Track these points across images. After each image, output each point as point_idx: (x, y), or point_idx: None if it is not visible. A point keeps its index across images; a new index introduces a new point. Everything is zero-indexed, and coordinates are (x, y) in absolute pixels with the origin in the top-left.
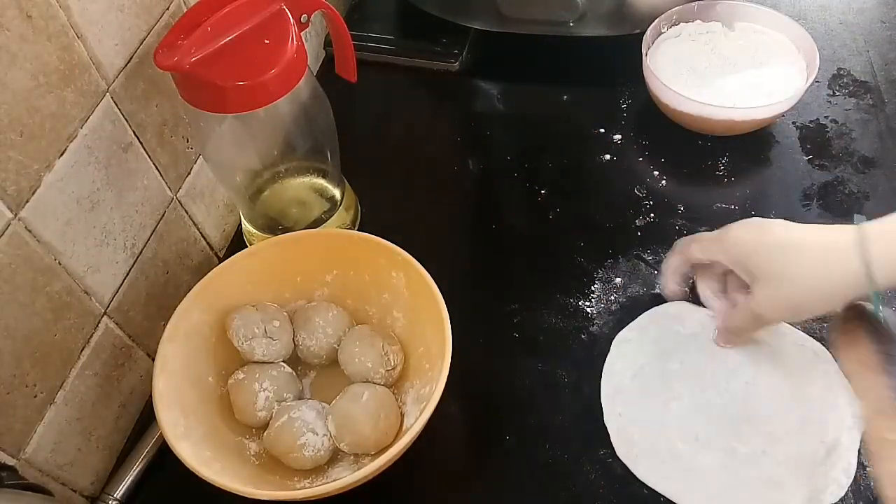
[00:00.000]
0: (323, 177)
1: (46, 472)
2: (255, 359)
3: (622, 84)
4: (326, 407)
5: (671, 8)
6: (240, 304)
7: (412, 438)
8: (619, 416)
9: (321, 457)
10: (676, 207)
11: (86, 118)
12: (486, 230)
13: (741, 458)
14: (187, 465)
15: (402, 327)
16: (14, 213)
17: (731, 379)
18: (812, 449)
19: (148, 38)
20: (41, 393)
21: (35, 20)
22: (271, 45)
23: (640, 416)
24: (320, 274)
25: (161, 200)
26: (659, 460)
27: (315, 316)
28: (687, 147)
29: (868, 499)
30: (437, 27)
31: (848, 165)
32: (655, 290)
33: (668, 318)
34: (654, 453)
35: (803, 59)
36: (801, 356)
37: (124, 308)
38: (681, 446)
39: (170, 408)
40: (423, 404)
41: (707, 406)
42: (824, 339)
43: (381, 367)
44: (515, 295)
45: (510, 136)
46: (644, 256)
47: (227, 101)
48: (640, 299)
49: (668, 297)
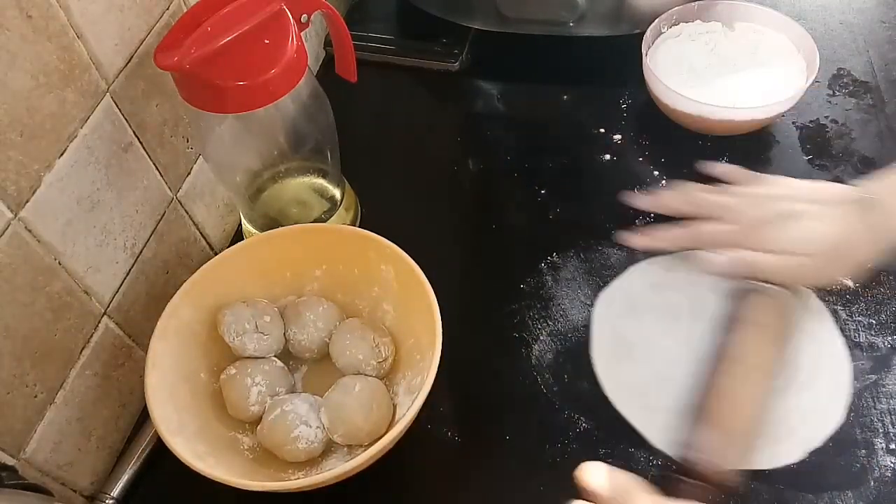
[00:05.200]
0: (323, 177)
1: (46, 472)
2: (246, 354)
3: (622, 84)
4: (319, 399)
5: (671, 8)
6: (230, 300)
7: (405, 426)
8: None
9: (315, 449)
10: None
11: (86, 118)
12: (486, 230)
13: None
14: (182, 460)
15: (393, 319)
16: (14, 213)
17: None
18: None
19: (148, 38)
20: (41, 393)
21: (35, 20)
22: (271, 45)
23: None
24: (310, 269)
25: (161, 200)
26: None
27: (306, 310)
28: (687, 147)
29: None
30: (437, 27)
31: (848, 165)
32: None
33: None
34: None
35: (803, 59)
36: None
37: (124, 308)
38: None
39: (163, 404)
40: (415, 394)
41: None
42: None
43: (372, 360)
44: (515, 295)
45: (510, 136)
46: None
47: (227, 101)
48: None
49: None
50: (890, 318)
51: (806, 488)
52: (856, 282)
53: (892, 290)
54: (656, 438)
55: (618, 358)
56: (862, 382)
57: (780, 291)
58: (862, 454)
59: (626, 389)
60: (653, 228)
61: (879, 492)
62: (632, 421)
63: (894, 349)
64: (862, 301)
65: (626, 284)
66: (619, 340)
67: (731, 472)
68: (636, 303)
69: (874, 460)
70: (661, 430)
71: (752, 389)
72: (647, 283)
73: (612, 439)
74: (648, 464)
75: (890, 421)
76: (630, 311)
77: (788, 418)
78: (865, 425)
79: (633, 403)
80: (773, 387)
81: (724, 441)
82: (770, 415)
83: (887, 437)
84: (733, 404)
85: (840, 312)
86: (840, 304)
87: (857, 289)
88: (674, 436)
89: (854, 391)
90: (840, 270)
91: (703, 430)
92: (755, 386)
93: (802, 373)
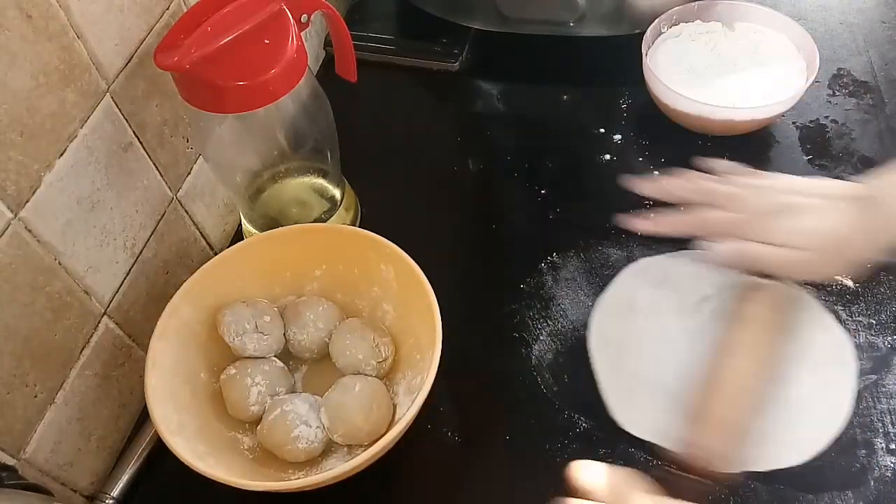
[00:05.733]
0: (323, 177)
1: (46, 472)
2: (246, 354)
3: (622, 84)
4: (319, 399)
5: (671, 8)
6: (230, 300)
7: (405, 426)
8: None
9: (315, 449)
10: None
11: (86, 118)
12: (486, 230)
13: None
14: (182, 460)
15: (393, 319)
16: (14, 213)
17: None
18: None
19: (148, 38)
20: (41, 393)
21: (35, 20)
22: (271, 45)
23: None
24: (310, 269)
25: (161, 200)
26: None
27: (305, 310)
28: (687, 147)
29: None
30: (437, 27)
31: (848, 165)
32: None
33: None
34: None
35: (803, 59)
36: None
37: (124, 308)
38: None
39: (163, 404)
40: (415, 394)
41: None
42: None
43: (372, 359)
44: (515, 295)
45: (510, 136)
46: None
47: (227, 101)
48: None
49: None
50: (890, 318)
51: (806, 488)
52: (856, 282)
53: (892, 290)
54: (654, 437)
55: (618, 358)
56: (862, 382)
57: (780, 286)
58: (862, 454)
59: (626, 389)
60: (656, 213)
61: (879, 492)
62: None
63: (894, 349)
64: (862, 301)
65: (626, 283)
66: (619, 340)
67: (730, 468)
68: (635, 301)
69: (874, 460)
70: (661, 427)
71: (752, 386)
72: (647, 282)
73: (612, 439)
74: (648, 464)
75: (890, 421)
76: (629, 310)
77: (790, 420)
78: (865, 425)
79: (632, 403)
80: (772, 383)
81: (723, 437)
82: (770, 412)
83: (887, 437)
84: (733, 401)
85: (840, 312)
86: (840, 304)
87: (857, 289)
88: (673, 433)
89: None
90: (841, 265)
91: (702, 427)
92: (755, 382)
93: (804, 372)
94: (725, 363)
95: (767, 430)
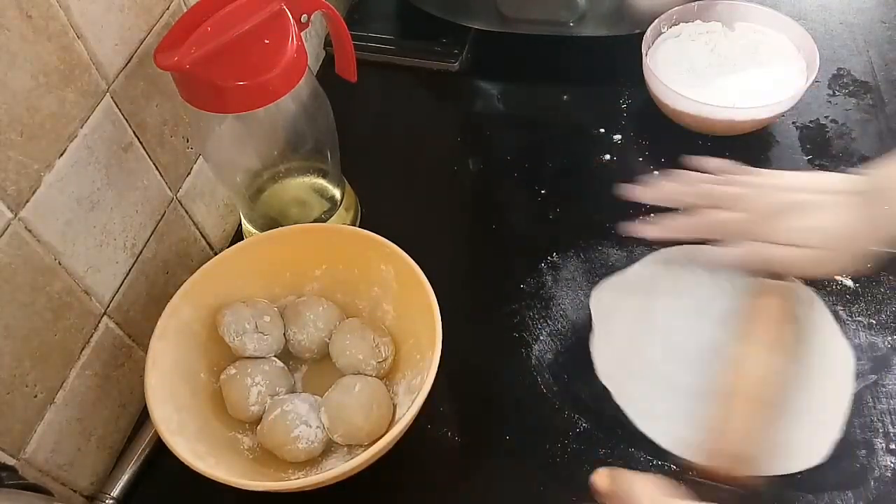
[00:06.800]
0: (323, 177)
1: (46, 472)
2: (246, 354)
3: (622, 84)
4: (319, 399)
5: (671, 8)
6: (230, 300)
7: (405, 426)
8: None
9: (315, 449)
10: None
11: (86, 118)
12: (486, 230)
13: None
14: (182, 460)
15: (393, 319)
16: (14, 213)
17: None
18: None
19: (148, 38)
20: (41, 393)
21: (35, 20)
22: (271, 45)
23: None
24: (310, 269)
25: (161, 200)
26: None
27: (305, 310)
28: (687, 147)
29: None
30: (437, 27)
31: (848, 165)
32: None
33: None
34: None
35: (803, 59)
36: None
37: (124, 308)
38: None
39: (163, 404)
40: (415, 394)
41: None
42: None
43: (372, 359)
44: (515, 295)
45: (510, 136)
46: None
47: (227, 101)
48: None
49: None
50: (890, 318)
51: (806, 488)
52: (856, 282)
53: (892, 290)
54: (661, 439)
55: (618, 357)
56: (862, 382)
57: (788, 286)
58: (862, 454)
59: (628, 390)
60: (663, 218)
61: (879, 492)
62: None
63: (894, 349)
64: (862, 301)
65: (626, 282)
66: (620, 339)
67: (751, 473)
68: (637, 301)
69: (874, 460)
70: (666, 430)
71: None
72: (648, 281)
73: (612, 439)
74: (649, 464)
75: (890, 421)
76: (630, 309)
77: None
78: (865, 425)
79: (636, 404)
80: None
81: (743, 442)
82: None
83: (887, 437)
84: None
85: (840, 312)
86: (840, 304)
87: (857, 289)
88: (680, 436)
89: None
90: (850, 260)
91: (721, 433)
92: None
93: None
94: (738, 368)
95: (776, 433)
